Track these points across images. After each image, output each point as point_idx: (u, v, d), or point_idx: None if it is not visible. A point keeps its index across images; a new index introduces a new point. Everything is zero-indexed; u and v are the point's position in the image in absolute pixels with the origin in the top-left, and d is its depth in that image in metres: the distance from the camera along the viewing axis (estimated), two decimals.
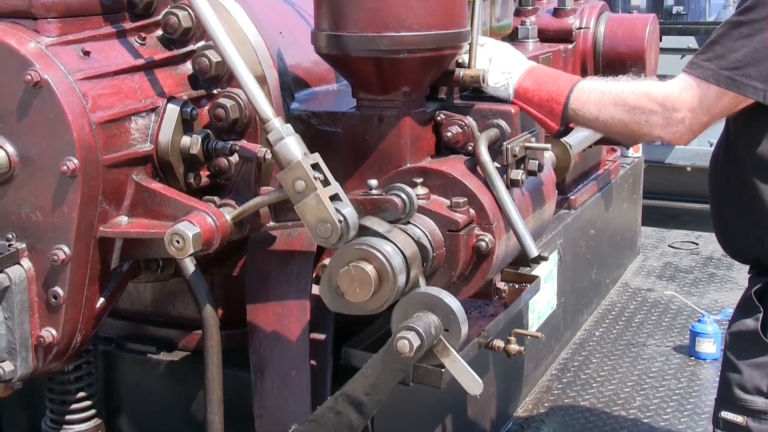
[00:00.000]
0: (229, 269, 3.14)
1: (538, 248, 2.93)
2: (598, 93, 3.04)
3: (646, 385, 4.48)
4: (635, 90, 3.00)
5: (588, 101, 3.03)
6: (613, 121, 3.01)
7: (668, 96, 2.92)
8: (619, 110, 2.99)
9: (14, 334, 2.66)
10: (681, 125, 2.92)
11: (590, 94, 3.04)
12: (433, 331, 2.54)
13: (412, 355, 2.51)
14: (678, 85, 2.92)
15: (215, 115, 2.95)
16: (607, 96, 3.02)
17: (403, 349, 2.51)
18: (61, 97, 2.58)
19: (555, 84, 3.09)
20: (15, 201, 2.67)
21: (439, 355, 2.58)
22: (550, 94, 3.07)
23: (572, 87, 3.05)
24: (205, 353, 2.88)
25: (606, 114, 3.01)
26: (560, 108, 3.05)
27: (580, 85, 3.07)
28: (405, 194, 2.72)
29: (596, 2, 5.07)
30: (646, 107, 2.95)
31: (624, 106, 2.99)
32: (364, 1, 2.82)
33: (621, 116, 3.00)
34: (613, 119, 3.01)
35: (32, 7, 2.67)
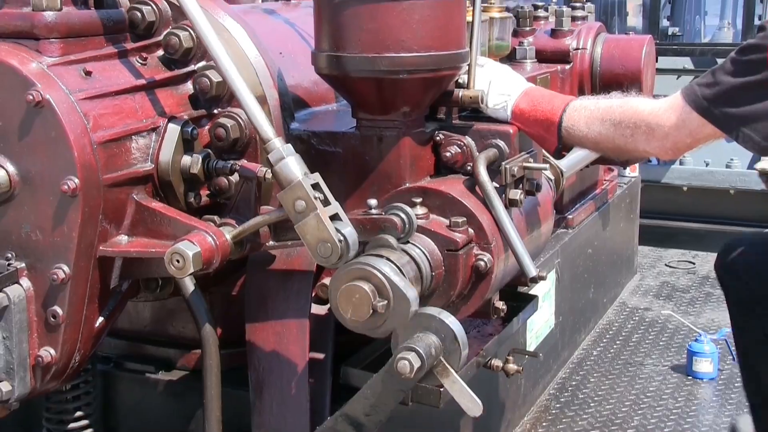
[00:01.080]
0: (229, 288, 3.14)
1: (536, 268, 2.93)
2: (587, 110, 3.06)
3: (643, 405, 4.48)
4: (623, 105, 3.03)
5: (579, 119, 3.05)
6: (600, 137, 3.03)
7: (654, 112, 2.95)
8: (605, 126, 3.01)
9: (12, 353, 2.65)
10: (665, 141, 2.94)
11: (581, 112, 3.06)
12: (433, 352, 2.54)
13: (413, 376, 2.50)
14: (666, 103, 2.94)
15: (216, 135, 2.95)
16: (596, 113, 3.04)
17: (403, 370, 2.50)
18: (63, 117, 2.58)
19: (550, 104, 3.10)
20: (15, 220, 2.66)
21: (439, 376, 2.58)
22: (545, 114, 3.09)
23: (565, 106, 3.07)
24: (204, 372, 2.87)
25: (594, 130, 3.03)
26: (555, 127, 3.06)
27: (573, 104, 3.09)
28: (404, 214, 2.72)
29: (593, 23, 5.09)
30: (631, 122, 2.97)
31: (610, 121, 3.00)
32: (365, 23, 2.83)
33: (608, 132, 3.01)
34: (601, 135, 3.02)
35: (34, 27, 2.68)
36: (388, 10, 2.82)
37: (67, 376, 2.81)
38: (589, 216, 5.16)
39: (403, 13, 2.83)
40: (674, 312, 5.61)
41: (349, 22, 2.85)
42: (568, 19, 4.98)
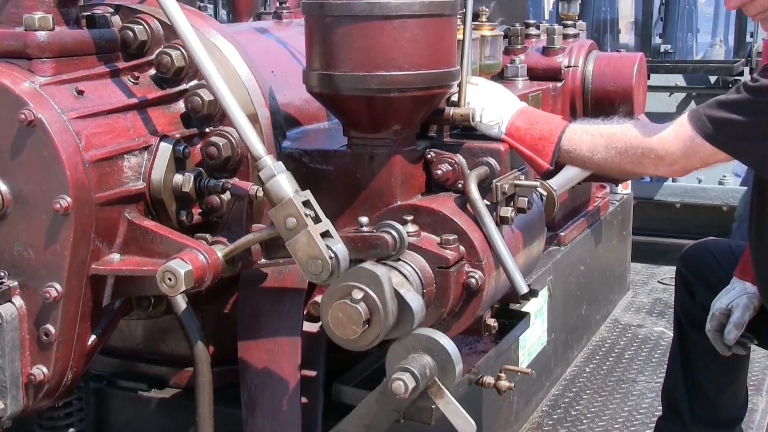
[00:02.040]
0: (221, 306, 3.14)
1: (527, 285, 2.94)
2: (589, 135, 3.07)
3: (636, 422, 4.47)
4: (626, 133, 3.04)
5: (580, 142, 3.06)
6: (606, 162, 3.05)
7: (661, 140, 2.96)
8: (611, 153, 3.03)
9: (5, 372, 2.65)
10: (674, 166, 2.98)
11: (582, 136, 3.07)
12: (428, 373, 2.55)
13: (407, 396, 2.52)
14: (674, 132, 2.95)
15: (207, 153, 2.96)
16: (599, 139, 3.05)
17: (398, 391, 2.52)
18: (55, 136, 2.59)
19: (547, 124, 3.12)
20: (7, 239, 2.67)
21: (434, 396, 2.59)
22: (542, 134, 3.10)
23: (564, 128, 3.09)
24: (197, 390, 2.87)
25: (598, 155, 3.05)
26: (552, 147, 3.07)
27: (572, 126, 3.11)
28: (395, 231, 2.73)
29: (585, 41, 5.10)
30: (638, 150, 2.99)
31: (615, 149, 3.02)
32: (356, 41, 2.84)
33: (613, 159, 3.03)
34: (606, 161, 3.05)
35: (27, 47, 2.69)
36: (378, 29, 2.84)
37: (60, 394, 2.81)
38: (581, 233, 5.17)
39: (394, 31, 2.84)
40: (667, 329, 5.60)
41: (340, 40, 2.86)
42: (560, 37, 4.99)
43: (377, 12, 2.83)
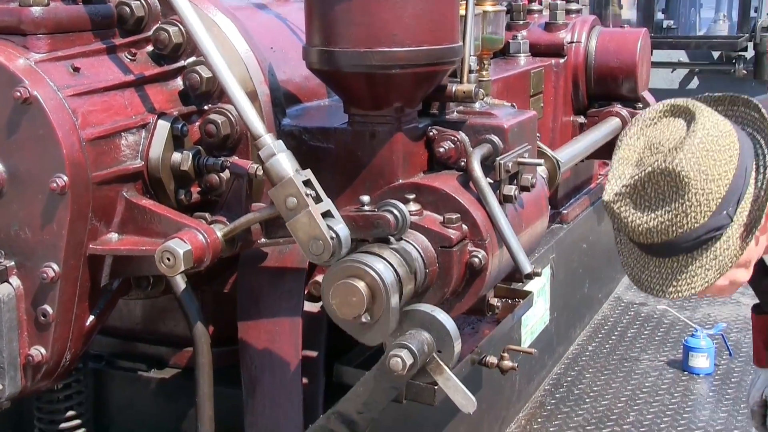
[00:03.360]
0: (220, 286, 3.13)
1: (531, 264, 2.93)
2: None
3: (639, 401, 4.48)
4: None
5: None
6: None
7: None
8: None
9: (2, 353, 2.65)
10: None
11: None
12: (426, 349, 2.54)
13: (405, 373, 2.51)
14: None
15: (206, 131, 2.95)
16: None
17: (395, 367, 2.51)
18: (51, 114, 2.58)
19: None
20: (4, 218, 2.66)
21: (433, 373, 2.58)
22: None
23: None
24: (197, 371, 2.87)
25: None
26: None
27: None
28: (397, 210, 2.71)
29: (588, 17, 5.10)
30: None
31: None
32: (357, 17, 2.82)
33: None
34: None
35: (21, 23, 2.67)
36: (380, 4, 2.82)
37: (58, 375, 2.81)
38: (584, 211, 5.17)
39: (396, 7, 2.82)
40: (670, 307, 5.62)
41: (341, 16, 2.84)
42: (563, 13, 4.99)
43: None
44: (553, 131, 4.78)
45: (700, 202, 2.45)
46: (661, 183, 2.45)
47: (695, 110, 2.51)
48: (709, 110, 2.54)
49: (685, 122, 2.54)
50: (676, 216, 2.47)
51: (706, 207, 2.46)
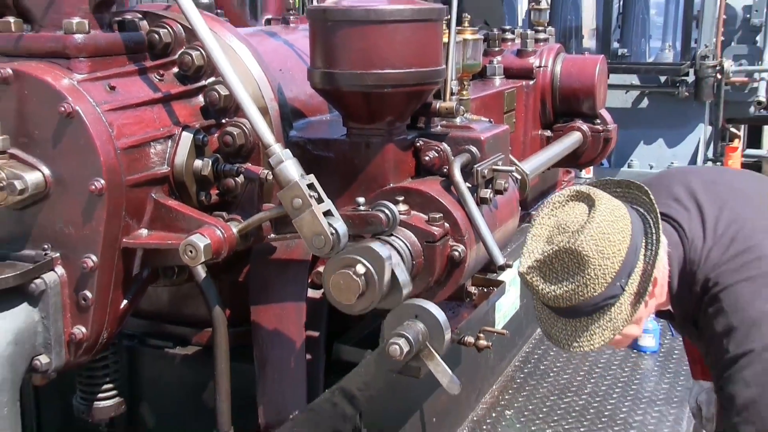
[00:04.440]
0: (236, 275, 3.13)
1: (503, 257, 2.93)
2: None
3: (595, 374, 4.48)
4: None
5: None
6: None
7: None
8: None
9: (49, 331, 2.66)
10: None
11: None
12: (420, 338, 2.56)
13: (402, 358, 2.53)
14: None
15: (224, 142, 2.94)
16: None
17: (394, 354, 2.52)
18: (90, 126, 2.58)
19: None
20: (50, 216, 2.66)
21: (425, 359, 2.60)
22: None
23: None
24: (215, 348, 2.87)
25: None
26: None
27: None
28: (388, 210, 2.72)
29: (554, 45, 5.10)
30: None
31: None
32: (354, 43, 2.82)
33: None
34: None
35: (66, 48, 2.67)
36: (374, 32, 2.82)
37: (97, 351, 2.82)
38: None
39: (388, 34, 2.82)
40: None
41: (341, 43, 2.84)
42: (532, 41, 4.99)
43: (373, 17, 2.81)
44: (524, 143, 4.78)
45: (597, 276, 2.59)
46: (566, 260, 2.60)
47: (595, 197, 2.66)
48: (607, 197, 2.69)
49: (587, 207, 2.68)
50: (578, 287, 2.60)
51: (602, 280, 2.60)
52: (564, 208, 2.73)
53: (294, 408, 2.87)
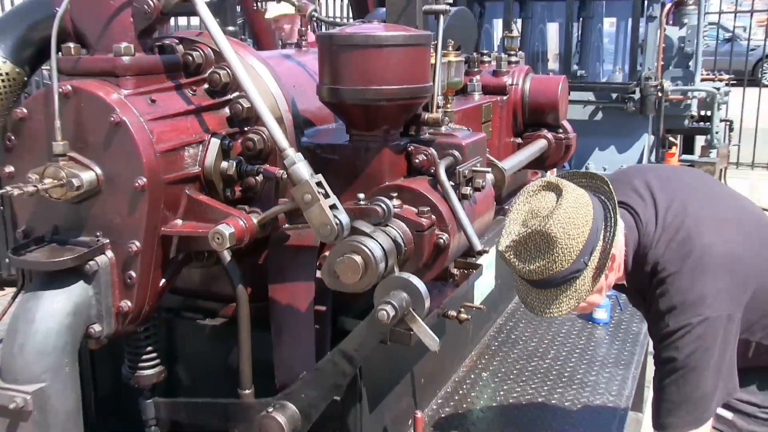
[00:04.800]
0: (256, 259, 3.13)
1: (481, 244, 2.94)
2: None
3: (557, 342, 4.50)
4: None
5: None
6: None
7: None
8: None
9: (101, 304, 2.68)
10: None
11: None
12: (404, 305, 2.57)
13: (389, 322, 2.54)
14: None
15: (246, 146, 2.95)
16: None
17: (382, 318, 2.53)
18: (135, 133, 2.59)
19: None
20: (101, 209, 2.67)
21: (409, 322, 2.60)
22: None
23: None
24: (238, 320, 2.88)
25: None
26: None
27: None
28: (384, 204, 2.73)
29: (524, 66, 5.10)
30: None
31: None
32: (356, 63, 2.84)
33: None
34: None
35: (115, 68, 2.69)
36: (373, 55, 2.83)
37: (140, 322, 2.83)
38: None
39: (384, 56, 2.83)
40: None
41: (344, 63, 2.86)
42: (506, 63, 4.99)
43: (371, 42, 2.83)
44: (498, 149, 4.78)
45: (564, 253, 2.65)
46: (538, 240, 2.66)
47: (563, 187, 2.72)
48: (573, 186, 2.74)
49: (556, 195, 2.73)
50: (548, 263, 2.67)
51: (568, 257, 2.66)
52: (536, 196, 2.77)
53: (304, 369, 2.88)
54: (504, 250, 2.72)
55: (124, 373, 3.07)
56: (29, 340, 2.55)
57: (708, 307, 2.64)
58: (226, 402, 2.96)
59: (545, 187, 2.78)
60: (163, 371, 3.07)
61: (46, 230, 2.74)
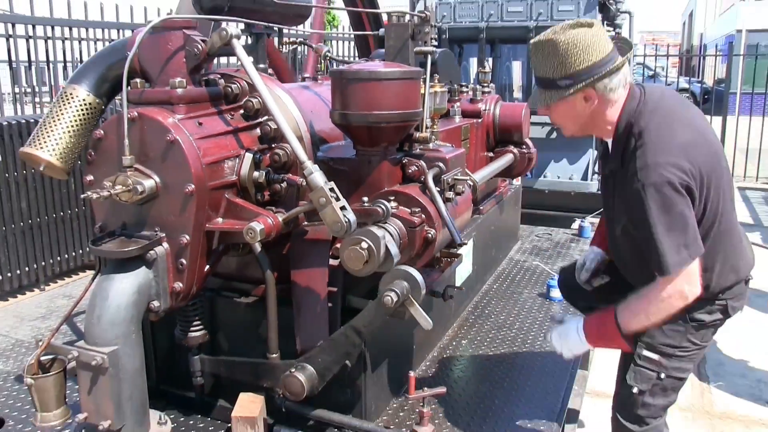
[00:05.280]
0: (281, 249, 3.15)
1: (461, 238, 2.96)
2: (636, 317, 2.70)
3: (521, 316, 4.50)
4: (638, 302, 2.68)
5: (632, 325, 2.71)
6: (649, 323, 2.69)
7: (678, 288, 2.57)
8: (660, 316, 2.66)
9: (159, 285, 2.70)
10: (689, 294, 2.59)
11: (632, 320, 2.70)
12: (405, 292, 2.59)
13: (393, 305, 2.56)
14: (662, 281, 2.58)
15: (273, 159, 2.96)
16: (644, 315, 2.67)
17: (387, 302, 2.56)
18: (186, 149, 2.61)
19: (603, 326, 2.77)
20: (159, 209, 2.69)
21: (408, 306, 2.62)
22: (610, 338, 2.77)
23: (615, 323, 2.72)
24: (267, 298, 2.89)
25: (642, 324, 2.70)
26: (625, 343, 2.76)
27: (619, 318, 2.72)
28: (384, 206, 2.75)
29: (494, 95, 5.12)
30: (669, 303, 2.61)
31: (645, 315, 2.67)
32: (361, 93, 2.85)
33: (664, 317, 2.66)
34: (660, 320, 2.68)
35: (171, 98, 2.71)
36: (374, 86, 2.85)
37: (189, 299, 2.85)
38: (492, 207, 5.19)
39: (384, 88, 2.85)
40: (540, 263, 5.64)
41: (352, 93, 2.87)
42: (480, 93, 5.01)
43: (374, 77, 2.85)
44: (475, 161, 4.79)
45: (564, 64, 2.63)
46: (548, 46, 2.64)
47: (596, 24, 2.65)
48: (604, 32, 2.65)
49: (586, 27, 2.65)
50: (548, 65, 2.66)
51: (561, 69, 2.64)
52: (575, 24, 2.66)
53: (319, 338, 2.89)
54: (530, 46, 2.70)
55: (176, 335, 3.09)
56: (104, 312, 2.57)
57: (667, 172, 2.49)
58: (257, 362, 2.98)
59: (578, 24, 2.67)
60: (206, 334, 3.10)
61: (116, 226, 2.76)
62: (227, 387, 3.22)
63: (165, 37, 2.70)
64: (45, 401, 2.66)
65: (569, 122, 2.84)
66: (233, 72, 3.07)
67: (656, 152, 2.53)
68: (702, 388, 5.50)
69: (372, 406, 3.13)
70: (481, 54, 8.41)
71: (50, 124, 2.95)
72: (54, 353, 2.72)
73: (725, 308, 2.84)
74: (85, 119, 2.98)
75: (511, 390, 3.49)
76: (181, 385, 3.32)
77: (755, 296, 7.41)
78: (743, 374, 5.72)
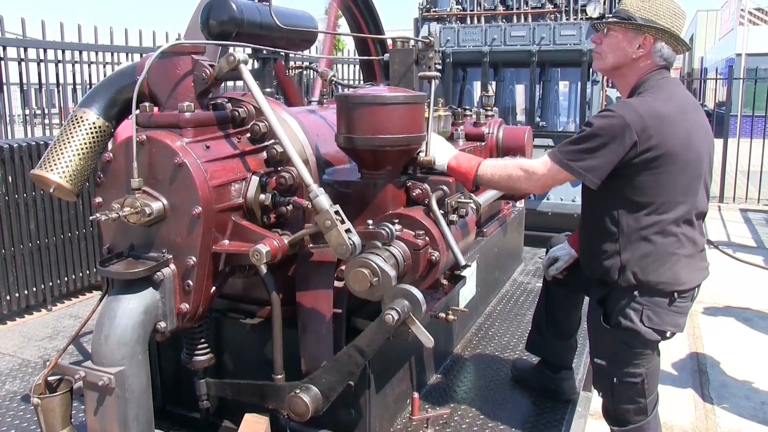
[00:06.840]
0: (286, 271, 3.15)
1: (465, 260, 2.95)
2: (492, 167, 3.08)
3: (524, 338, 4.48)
4: (515, 164, 3.05)
5: (487, 171, 3.08)
6: (501, 180, 3.05)
7: (531, 165, 2.96)
8: (504, 176, 3.04)
9: (166, 306, 2.69)
10: (537, 182, 2.95)
11: (487, 168, 3.09)
12: (406, 311, 2.57)
13: (394, 324, 2.54)
14: (540, 161, 2.96)
15: (279, 182, 2.97)
16: (497, 169, 3.06)
17: (389, 321, 2.54)
18: (193, 172, 2.62)
19: (468, 163, 3.14)
20: (167, 231, 2.69)
21: (409, 324, 2.61)
22: (467, 169, 3.12)
23: (479, 165, 3.11)
24: (272, 320, 2.89)
25: (496, 178, 3.05)
26: (472, 176, 3.10)
27: (483, 162, 3.12)
28: (388, 228, 2.75)
29: (497, 119, 5.14)
30: (518, 173, 2.99)
31: (507, 173, 3.03)
32: (366, 117, 2.86)
33: (506, 180, 3.03)
34: (501, 180, 3.05)
35: (179, 122, 2.72)
36: (379, 111, 2.86)
37: (196, 320, 2.84)
38: (495, 230, 5.19)
39: (388, 112, 2.86)
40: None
41: (357, 117, 2.88)
42: (483, 116, 5.02)
43: (378, 101, 2.86)
44: None
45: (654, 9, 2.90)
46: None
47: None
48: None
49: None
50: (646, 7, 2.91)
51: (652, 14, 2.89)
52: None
53: (324, 359, 2.89)
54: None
55: (183, 358, 3.08)
56: (112, 332, 2.57)
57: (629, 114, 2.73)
58: (262, 383, 2.97)
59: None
60: (212, 358, 3.09)
61: (124, 247, 2.77)
62: (232, 407, 3.21)
63: (174, 61, 2.73)
64: (51, 421, 2.65)
65: (612, 54, 2.97)
66: (240, 96, 3.09)
67: (631, 102, 2.81)
68: (706, 409, 5.45)
69: (376, 427, 3.12)
70: (485, 78, 8.46)
71: (60, 147, 2.97)
72: (61, 373, 2.72)
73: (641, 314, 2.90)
74: (94, 142, 3.00)
75: (515, 412, 3.47)
76: (187, 406, 3.31)
77: (759, 318, 7.35)
78: (747, 396, 5.67)
